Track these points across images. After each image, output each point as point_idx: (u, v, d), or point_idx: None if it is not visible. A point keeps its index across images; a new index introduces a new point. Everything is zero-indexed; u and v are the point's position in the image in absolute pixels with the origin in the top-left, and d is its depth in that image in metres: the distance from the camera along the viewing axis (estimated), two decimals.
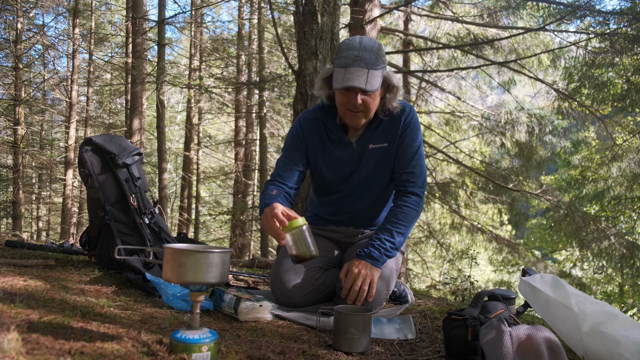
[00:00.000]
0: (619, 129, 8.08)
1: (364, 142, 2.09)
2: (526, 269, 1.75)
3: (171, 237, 2.32)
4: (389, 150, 2.09)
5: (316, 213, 2.33)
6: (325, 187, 2.22)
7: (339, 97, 1.99)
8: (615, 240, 7.21)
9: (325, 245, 2.22)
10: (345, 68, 1.88)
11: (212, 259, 1.16)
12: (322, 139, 2.14)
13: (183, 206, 13.13)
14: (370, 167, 2.11)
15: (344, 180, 2.16)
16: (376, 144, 2.09)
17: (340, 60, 1.91)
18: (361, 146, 2.10)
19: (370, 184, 2.15)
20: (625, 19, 6.00)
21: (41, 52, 12.59)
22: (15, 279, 1.77)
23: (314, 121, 2.15)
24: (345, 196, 2.19)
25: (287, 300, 2.00)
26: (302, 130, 2.15)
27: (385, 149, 2.09)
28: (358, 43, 1.90)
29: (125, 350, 1.08)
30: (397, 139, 2.07)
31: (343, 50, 1.92)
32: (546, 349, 1.26)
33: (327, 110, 2.14)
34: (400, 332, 1.75)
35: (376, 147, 2.09)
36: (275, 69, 11.55)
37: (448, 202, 8.64)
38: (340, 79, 1.87)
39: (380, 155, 2.09)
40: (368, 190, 2.16)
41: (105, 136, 2.27)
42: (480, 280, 13.13)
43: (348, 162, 2.12)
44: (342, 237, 2.27)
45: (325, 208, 2.28)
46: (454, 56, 8.43)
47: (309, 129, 2.15)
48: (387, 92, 2.03)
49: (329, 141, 2.13)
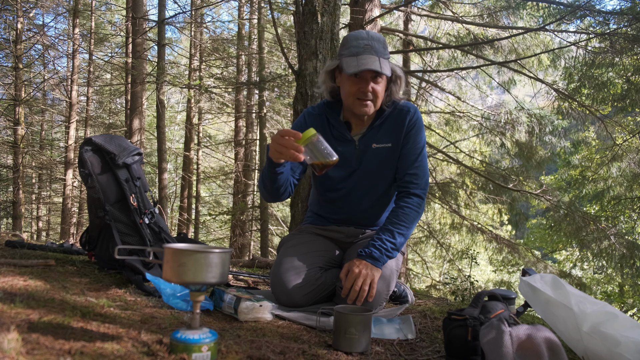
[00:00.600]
0: (619, 129, 8.08)
1: (366, 141, 2.09)
2: (526, 269, 1.75)
3: (171, 237, 2.32)
4: (392, 150, 2.09)
5: (317, 212, 2.33)
6: (326, 183, 2.21)
7: (348, 86, 2.00)
8: (615, 240, 7.21)
9: (326, 245, 2.22)
10: (357, 56, 1.91)
11: (212, 259, 1.16)
12: (325, 134, 2.13)
13: (183, 206, 13.13)
14: (372, 166, 2.11)
15: (346, 178, 2.15)
16: (380, 144, 2.09)
17: (349, 49, 1.94)
18: (364, 144, 2.10)
19: (372, 183, 2.14)
20: (625, 19, 6.00)
21: (41, 52, 12.60)
22: (15, 279, 1.77)
23: (318, 117, 2.16)
24: (346, 194, 2.19)
25: (287, 300, 2.00)
26: (306, 124, 2.16)
27: (388, 149, 2.09)
28: (366, 34, 1.96)
29: (125, 350, 1.08)
30: (401, 139, 2.08)
31: (352, 40, 1.96)
32: (546, 349, 1.26)
33: (330, 106, 2.15)
34: (401, 332, 1.75)
35: (380, 146, 2.09)
36: (275, 69, 11.54)
37: (448, 202, 8.63)
38: (354, 64, 1.90)
39: (384, 155, 2.09)
40: (370, 189, 2.16)
41: (105, 136, 2.27)
42: (480, 280, 13.12)
43: (350, 160, 2.12)
44: (342, 236, 2.27)
45: (326, 206, 2.28)
46: (454, 56, 8.43)
47: (312, 124, 2.15)
48: (391, 83, 2.06)
49: (331, 137, 2.13)
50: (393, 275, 2.07)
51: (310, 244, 2.20)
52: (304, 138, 1.62)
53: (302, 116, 2.21)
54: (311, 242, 2.21)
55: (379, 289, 1.95)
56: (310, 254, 2.13)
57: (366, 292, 1.83)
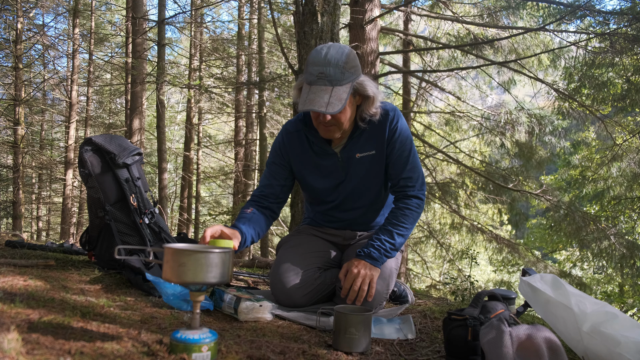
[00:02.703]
0: (619, 129, 8.08)
1: (348, 152, 2.05)
2: (526, 269, 1.75)
3: (171, 237, 2.32)
4: (376, 157, 2.05)
5: (312, 217, 2.34)
6: (316, 197, 2.22)
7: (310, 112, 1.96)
8: (615, 240, 7.21)
9: (324, 246, 2.22)
10: (310, 86, 1.82)
11: (212, 259, 1.16)
12: (305, 151, 2.10)
13: (183, 206, 13.13)
14: (358, 176, 2.09)
15: (333, 190, 2.14)
16: (363, 152, 2.04)
17: (306, 75, 1.85)
18: (346, 155, 2.05)
19: (361, 192, 2.13)
20: (625, 19, 6.00)
21: (41, 52, 12.61)
22: (16, 279, 1.77)
23: (296, 134, 2.11)
24: (337, 206, 2.18)
25: (287, 300, 2.00)
26: (284, 144, 2.13)
27: (372, 156, 2.05)
28: (323, 57, 1.80)
29: (125, 350, 1.08)
30: (384, 145, 2.03)
31: (309, 64, 1.84)
32: (546, 349, 1.26)
33: (308, 121, 2.09)
34: (401, 332, 1.75)
35: (363, 155, 2.05)
36: (275, 69, 11.54)
37: (448, 202, 8.64)
38: (303, 99, 1.81)
39: (369, 163, 2.06)
40: (360, 198, 2.15)
41: (105, 136, 2.27)
42: (481, 280, 13.13)
43: (335, 173, 2.10)
44: (339, 239, 2.27)
45: (319, 216, 2.29)
46: (454, 56, 8.43)
47: (291, 142, 2.11)
48: (362, 102, 1.95)
49: (313, 153, 2.09)
50: (392, 274, 2.08)
51: (308, 244, 2.20)
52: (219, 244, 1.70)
53: (281, 135, 2.16)
54: (309, 243, 2.21)
55: (378, 288, 1.95)
56: (309, 255, 2.13)
57: (365, 292, 1.83)
